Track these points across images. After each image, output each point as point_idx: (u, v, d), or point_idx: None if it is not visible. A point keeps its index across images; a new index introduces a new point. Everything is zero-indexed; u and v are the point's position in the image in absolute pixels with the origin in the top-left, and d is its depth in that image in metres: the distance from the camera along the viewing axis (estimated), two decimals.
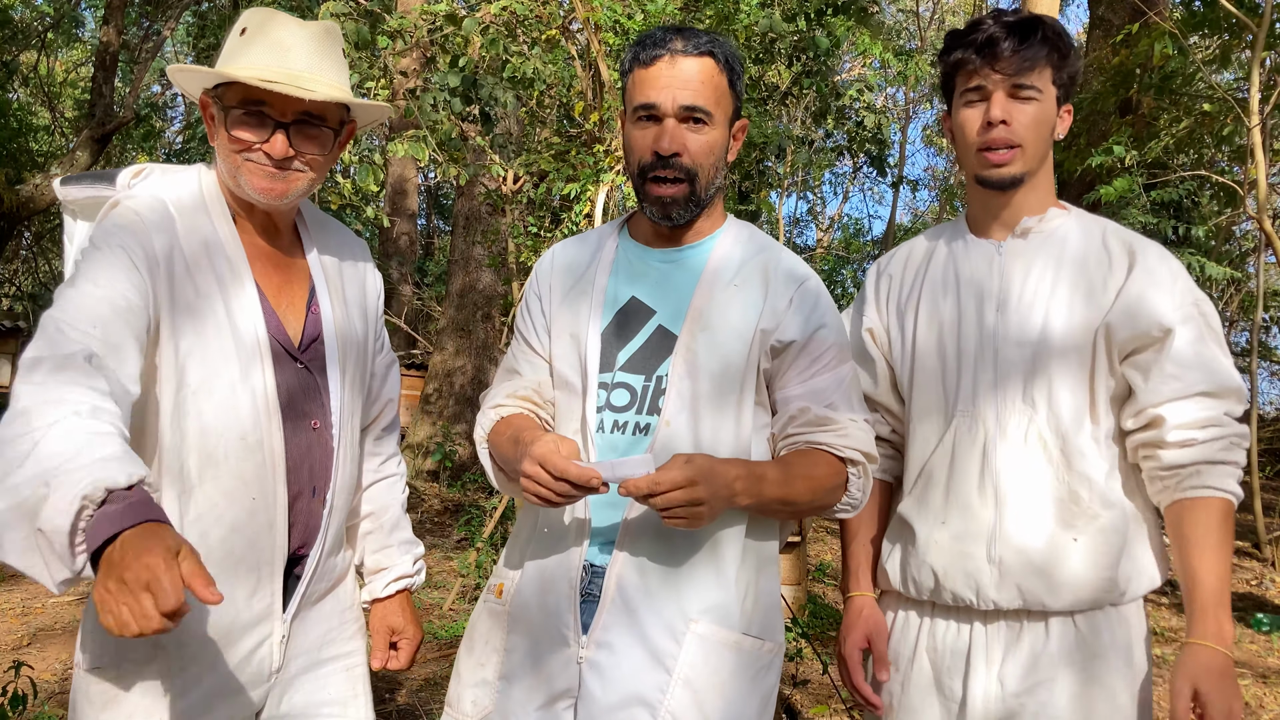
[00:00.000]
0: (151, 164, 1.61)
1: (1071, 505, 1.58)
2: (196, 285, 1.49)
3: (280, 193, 1.53)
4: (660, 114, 1.53)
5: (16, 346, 10.37)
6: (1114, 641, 1.60)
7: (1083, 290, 1.62)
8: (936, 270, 1.76)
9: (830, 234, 20.35)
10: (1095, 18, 7.20)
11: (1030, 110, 1.61)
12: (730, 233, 1.66)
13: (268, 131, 1.50)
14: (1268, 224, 6.24)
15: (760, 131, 6.30)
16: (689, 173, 1.55)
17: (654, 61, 1.54)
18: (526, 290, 1.76)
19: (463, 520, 6.74)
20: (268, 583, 1.54)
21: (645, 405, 1.57)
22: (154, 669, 1.47)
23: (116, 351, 1.32)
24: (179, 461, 1.47)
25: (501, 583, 1.67)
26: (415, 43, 4.65)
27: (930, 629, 1.68)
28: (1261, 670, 4.89)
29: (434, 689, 4.15)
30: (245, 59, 1.50)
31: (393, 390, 1.83)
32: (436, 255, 16.23)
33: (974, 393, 1.65)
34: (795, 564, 5.29)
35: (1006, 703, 1.58)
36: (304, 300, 1.62)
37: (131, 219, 1.47)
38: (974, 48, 1.61)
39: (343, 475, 1.63)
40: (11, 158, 13.13)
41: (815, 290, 1.62)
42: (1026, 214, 1.68)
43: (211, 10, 13.80)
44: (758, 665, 1.58)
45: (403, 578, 1.80)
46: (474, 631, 1.69)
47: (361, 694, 1.70)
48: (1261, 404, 14.01)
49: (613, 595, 1.52)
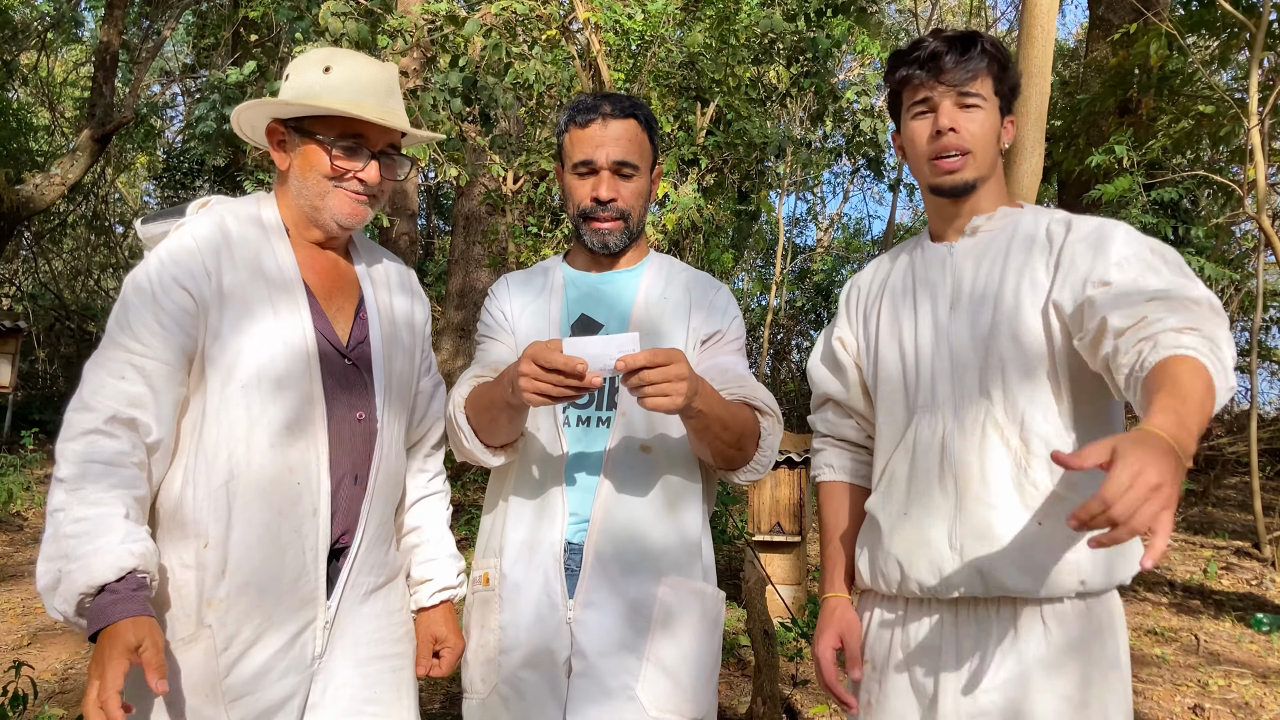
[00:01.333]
0: (216, 196, 1.77)
1: (1032, 489, 1.58)
2: (249, 291, 1.64)
3: (362, 216, 1.73)
4: (596, 167, 1.84)
5: (16, 346, 10.36)
6: (1088, 635, 1.59)
7: (1028, 277, 1.65)
8: (897, 278, 1.84)
9: (830, 234, 20.36)
10: (1095, 18, 7.20)
11: (977, 117, 1.68)
12: (655, 261, 1.99)
13: (363, 160, 1.70)
14: (1267, 224, 6.25)
15: (760, 132, 6.31)
16: (624, 214, 1.87)
17: (589, 124, 1.85)
18: (488, 305, 2.03)
19: (463, 520, 6.74)
20: (312, 566, 1.62)
21: (603, 402, 1.84)
22: (200, 648, 1.55)
23: (143, 408, 1.54)
24: (227, 449, 1.58)
25: (485, 572, 1.85)
26: (415, 42, 4.65)
27: (904, 626, 1.70)
28: (1262, 670, 4.89)
29: (434, 689, 4.16)
30: (339, 96, 1.68)
31: (439, 410, 1.94)
32: (436, 255, 16.23)
33: (932, 390, 1.69)
34: (795, 564, 5.30)
35: (978, 699, 1.59)
36: (353, 307, 1.77)
37: (185, 243, 1.64)
38: (918, 63, 1.69)
39: (385, 463, 1.73)
40: (11, 158, 13.14)
41: (727, 295, 1.98)
42: (977, 215, 1.74)
43: (211, 10, 13.81)
44: (715, 611, 1.85)
45: (446, 589, 1.88)
46: (469, 620, 1.87)
47: (406, 697, 1.77)
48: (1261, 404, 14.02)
49: (591, 563, 1.76)
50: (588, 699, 1.72)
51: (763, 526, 5.27)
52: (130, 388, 1.54)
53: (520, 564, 1.79)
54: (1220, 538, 7.67)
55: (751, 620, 3.43)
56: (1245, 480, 9.48)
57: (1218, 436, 11.87)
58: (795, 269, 16.64)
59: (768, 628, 3.38)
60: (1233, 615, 5.84)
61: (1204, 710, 4.28)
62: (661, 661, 1.75)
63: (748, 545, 4.85)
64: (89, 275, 16.79)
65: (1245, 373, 8.02)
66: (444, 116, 4.56)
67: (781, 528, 5.18)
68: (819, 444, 1.93)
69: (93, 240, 16.71)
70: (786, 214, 15.74)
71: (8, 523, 7.36)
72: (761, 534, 5.22)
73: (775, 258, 14.51)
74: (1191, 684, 4.66)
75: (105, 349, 1.58)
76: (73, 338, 14.70)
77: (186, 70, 17.84)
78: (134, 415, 1.53)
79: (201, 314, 1.60)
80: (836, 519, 1.88)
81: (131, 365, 1.55)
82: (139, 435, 1.53)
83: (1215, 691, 4.56)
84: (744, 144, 6.53)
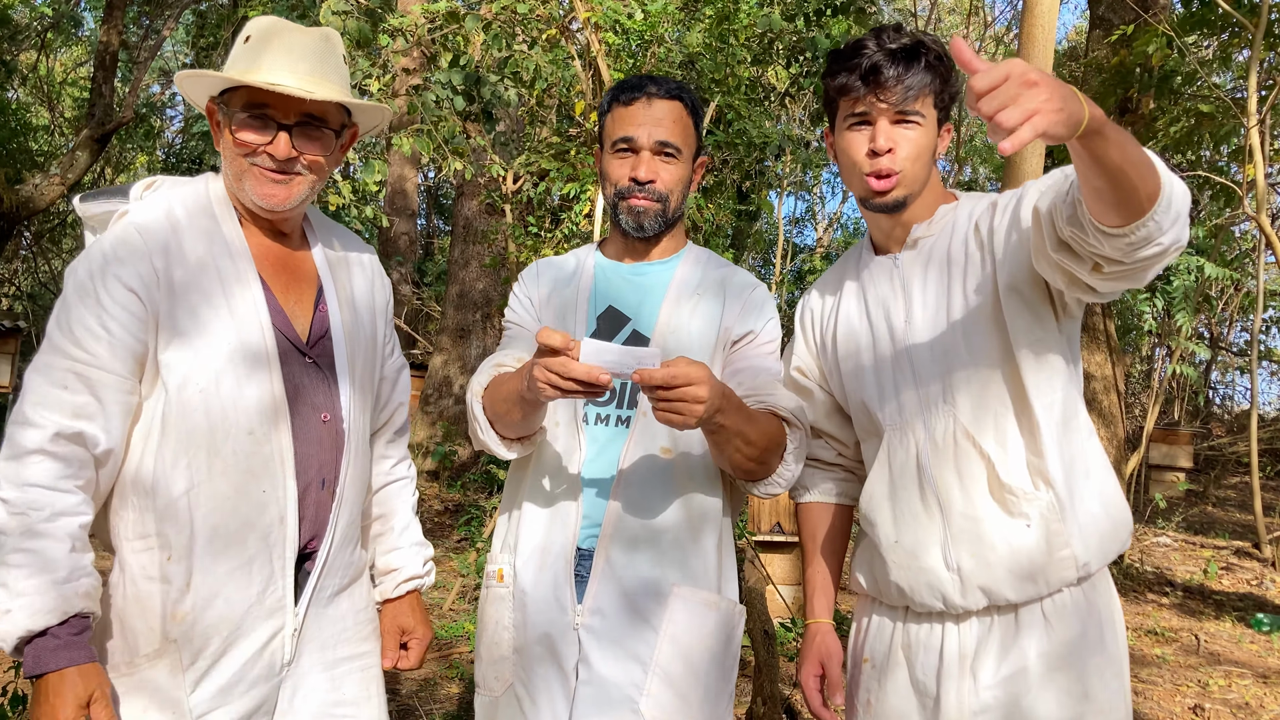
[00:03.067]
0: (163, 176, 1.65)
1: (1010, 495, 1.58)
2: (201, 287, 1.53)
3: (283, 199, 1.58)
4: (637, 147, 1.78)
5: (16, 346, 10.36)
6: (1086, 628, 1.60)
7: (973, 279, 1.64)
8: (848, 296, 1.81)
9: (830, 233, 20.36)
10: (1095, 18, 7.20)
11: (912, 136, 1.64)
12: (692, 254, 1.90)
13: (271, 133, 1.55)
14: (1267, 224, 6.24)
15: (760, 132, 6.30)
16: (661, 197, 1.79)
17: (633, 102, 1.79)
18: (516, 290, 1.95)
19: (463, 520, 6.74)
20: (279, 575, 1.57)
21: (624, 400, 1.78)
22: (165, 664, 1.50)
23: (89, 419, 1.46)
24: (188, 457, 1.50)
25: (501, 568, 1.81)
26: (416, 41, 4.65)
27: (905, 629, 1.70)
28: (1262, 670, 4.89)
29: (433, 688, 4.15)
30: (249, 65, 1.55)
31: (403, 394, 1.87)
32: (436, 255, 16.23)
33: (898, 406, 1.68)
34: (795, 564, 5.30)
35: (981, 695, 1.59)
36: (312, 299, 1.67)
37: (130, 237, 1.52)
38: (858, 73, 1.62)
39: (353, 468, 1.66)
40: (11, 158, 13.13)
41: (764, 295, 1.88)
42: (915, 224, 1.71)
43: (211, 10, 13.81)
44: (730, 623, 1.79)
45: (413, 578, 1.84)
46: (484, 616, 1.84)
47: (375, 695, 1.73)
48: (1261, 404, 14.03)
49: (602, 569, 1.71)
50: (592, 707, 1.68)
51: (763, 526, 5.27)
52: (74, 398, 1.45)
53: (532, 565, 1.76)
54: (1220, 538, 7.67)
55: (751, 620, 3.43)
56: (1245, 480, 9.48)
57: (1218, 436, 11.87)
58: (794, 269, 16.64)
59: (768, 628, 3.38)
60: (1233, 615, 5.84)
61: (1204, 710, 4.28)
62: (668, 674, 1.70)
63: (748, 545, 4.84)
64: None
65: (1245, 373, 8.01)
66: (446, 113, 4.56)
67: (781, 528, 5.17)
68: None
69: None
70: (786, 214, 15.74)
71: None
72: (762, 534, 5.21)
73: (775, 258, 14.51)
74: (1192, 684, 4.66)
75: (46, 354, 1.48)
76: None
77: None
78: (80, 428, 1.44)
79: (150, 317, 1.50)
80: (815, 541, 1.86)
81: (74, 374, 1.46)
82: (86, 449, 1.46)
83: (1215, 692, 4.56)
84: (744, 144, 6.52)
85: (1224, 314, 12.41)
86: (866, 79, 1.62)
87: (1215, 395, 15.73)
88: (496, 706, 1.79)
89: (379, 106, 1.69)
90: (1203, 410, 14.45)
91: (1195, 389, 13.87)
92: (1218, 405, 15.59)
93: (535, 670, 1.73)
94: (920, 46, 1.63)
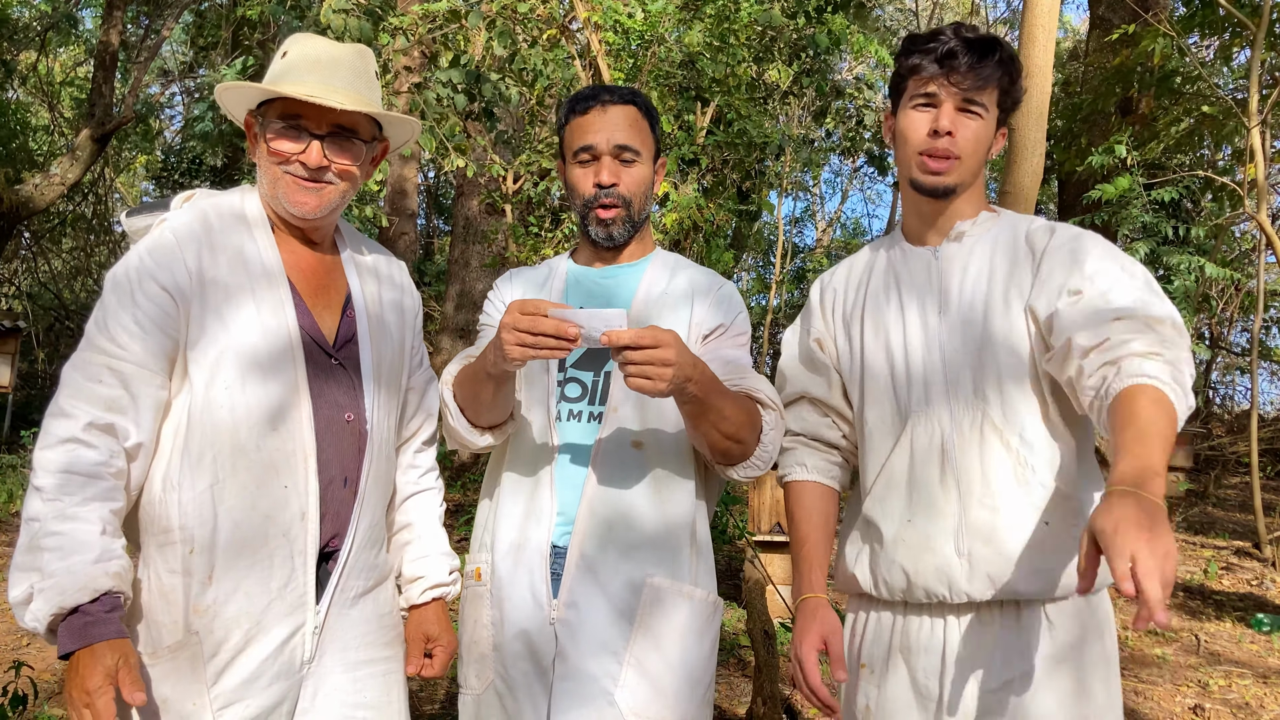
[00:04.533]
0: (201, 190, 1.74)
1: (1038, 489, 1.59)
2: (231, 286, 1.60)
3: (314, 206, 1.65)
4: (598, 153, 1.84)
5: (16, 346, 10.36)
6: (1086, 630, 1.60)
7: (1016, 284, 1.66)
8: (878, 282, 1.81)
9: (829, 233, 20.36)
10: (1095, 18, 7.20)
11: (974, 126, 1.67)
12: (659, 257, 1.97)
13: (304, 142, 1.63)
14: (1267, 224, 6.24)
15: (760, 131, 6.31)
16: (625, 200, 1.85)
17: (588, 110, 1.85)
18: (491, 295, 2.02)
19: (463, 520, 6.74)
20: (300, 571, 1.60)
21: (596, 396, 1.82)
22: (187, 656, 1.53)
23: (121, 412, 1.51)
24: (213, 452, 1.55)
25: (478, 566, 1.84)
26: (417, 40, 4.65)
27: (904, 629, 1.69)
28: (1262, 670, 4.89)
29: (433, 688, 4.15)
30: (285, 79, 1.63)
31: (431, 405, 1.91)
32: (436, 255, 16.23)
33: (926, 395, 1.68)
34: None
35: (983, 699, 1.59)
36: (340, 304, 1.72)
37: (165, 239, 1.61)
38: (933, 56, 1.66)
39: (375, 468, 1.70)
40: (11, 158, 13.13)
41: (731, 290, 1.95)
42: (959, 220, 1.74)
43: (210, 10, 13.81)
44: (706, 614, 1.80)
45: (438, 586, 1.86)
46: (464, 615, 1.87)
47: (396, 700, 1.75)
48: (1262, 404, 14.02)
49: (575, 563, 1.73)
50: (568, 701, 1.70)
51: (763, 526, 5.27)
52: (108, 392, 1.51)
53: (508, 562, 1.78)
54: (1220, 538, 7.67)
55: (751, 620, 3.43)
56: (1245, 480, 9.47)
57: (1218, 436, 11.87)
58: (794, 269, 16.64)
59: (768, 628, 3.38)
60: (1233, 615, 5.83)
61: (1204, 710, 4.28)
62: (643, 666, 1.71)
63: (748, 545, 4.84)
64: (88, 275, 16.78)
65: (1245, 373, 8.01)
66: (448, 112, 4.56)
67: (781, 528, 5.17)
68: (789, 443, 1.86)
69: (92, 240, 16.69)
70: (786, 214, 15.74)
71: (8, 523, 7.36)
72: (762, 534, 5.21)
73: (775, 257, 14.51)
74: (1192, 684, 4.66)
75: (83, 351, 1.55)
76: (72, 337, 14.69)
77: (185, 70, 17.84)
78: (112, 420, 1.50)
79: (182, 313, 1.56)
80: (810, 520, 1.81)
81: (109, 368, 1.52)
82: (118, 441, 1.51)
83: (1215, 692, 4.56)
84: (744, 144, 6.53)
85: (1224, 314, 12.41)
86: (941, 62, 1.65)
87: (1215, 395, 15.73)
88: (479, 704, 1.80)
89: (409, 120, 1.77)
90: (1203, 410, 14.45)
91: (1195, 389, 13.84)
92: (1218, 405, 15.59)
93: (514, 667, 1.75)
94: (996, 42, 1.68)
